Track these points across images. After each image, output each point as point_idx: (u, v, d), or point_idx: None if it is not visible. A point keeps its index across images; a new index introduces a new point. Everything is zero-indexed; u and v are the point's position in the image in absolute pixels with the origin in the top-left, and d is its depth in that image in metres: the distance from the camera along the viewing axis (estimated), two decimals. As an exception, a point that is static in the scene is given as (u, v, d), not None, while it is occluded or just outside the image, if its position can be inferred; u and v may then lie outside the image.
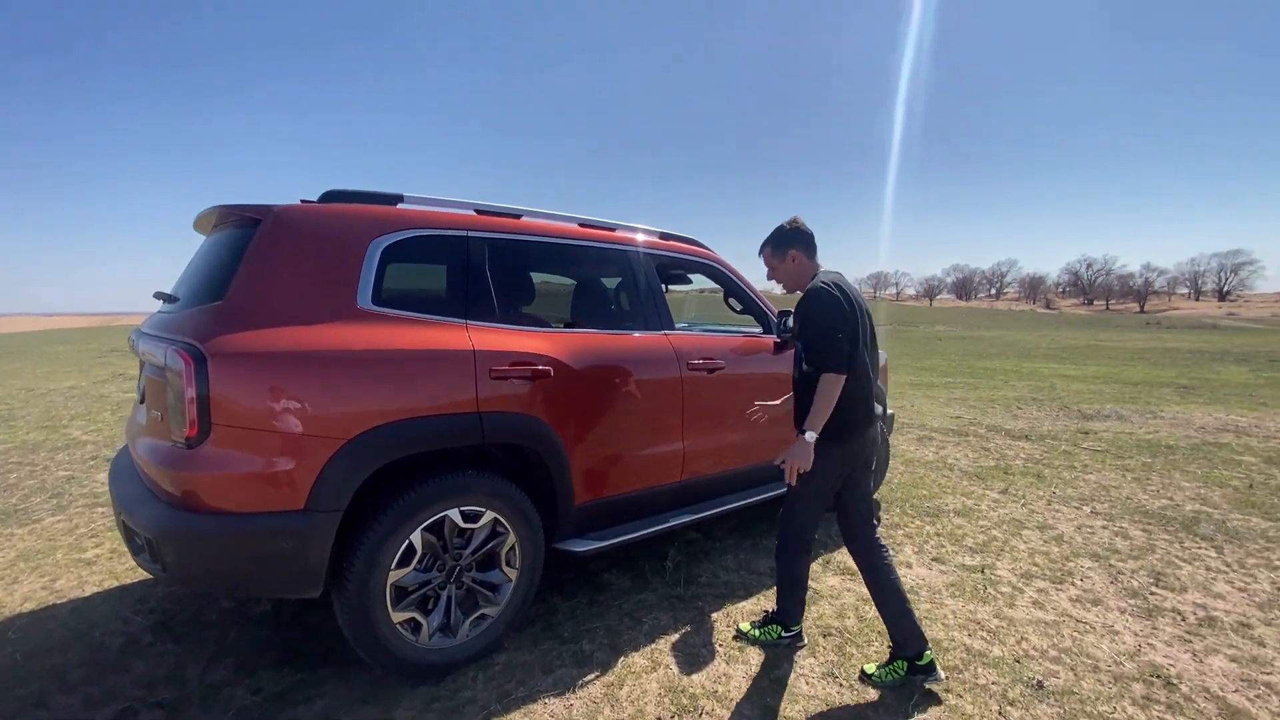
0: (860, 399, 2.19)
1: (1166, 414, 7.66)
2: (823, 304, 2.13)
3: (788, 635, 2.40)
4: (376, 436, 1.92)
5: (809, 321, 2.16)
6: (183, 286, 2.24)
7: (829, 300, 2.13)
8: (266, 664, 2.27)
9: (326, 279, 2.00)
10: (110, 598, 2.77)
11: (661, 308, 2.89)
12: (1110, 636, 2.49)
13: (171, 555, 1.74)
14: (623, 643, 2.40)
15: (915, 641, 2.15)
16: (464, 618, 2.20)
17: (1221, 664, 2.32)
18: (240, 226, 2.11)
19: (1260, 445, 5.85)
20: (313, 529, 1.83)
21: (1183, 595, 2.84)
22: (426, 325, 2.13)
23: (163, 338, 1.91)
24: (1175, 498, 4.26)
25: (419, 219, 2.24)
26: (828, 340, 2.09)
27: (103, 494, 4.15)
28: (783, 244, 2.30)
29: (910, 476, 4.73)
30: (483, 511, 2.18)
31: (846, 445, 2.20)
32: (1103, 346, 21.35)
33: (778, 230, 2.33)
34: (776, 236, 2.32)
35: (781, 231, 2.31)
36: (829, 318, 2.11)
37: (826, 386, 2.08)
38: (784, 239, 2.30)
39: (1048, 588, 2.90)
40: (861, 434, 2.23)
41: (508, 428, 2.21)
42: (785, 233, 2.30)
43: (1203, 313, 64.44)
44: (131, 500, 1.92)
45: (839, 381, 2.08)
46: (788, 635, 2.40)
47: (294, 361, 1.84)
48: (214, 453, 1.76)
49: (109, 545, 3.32)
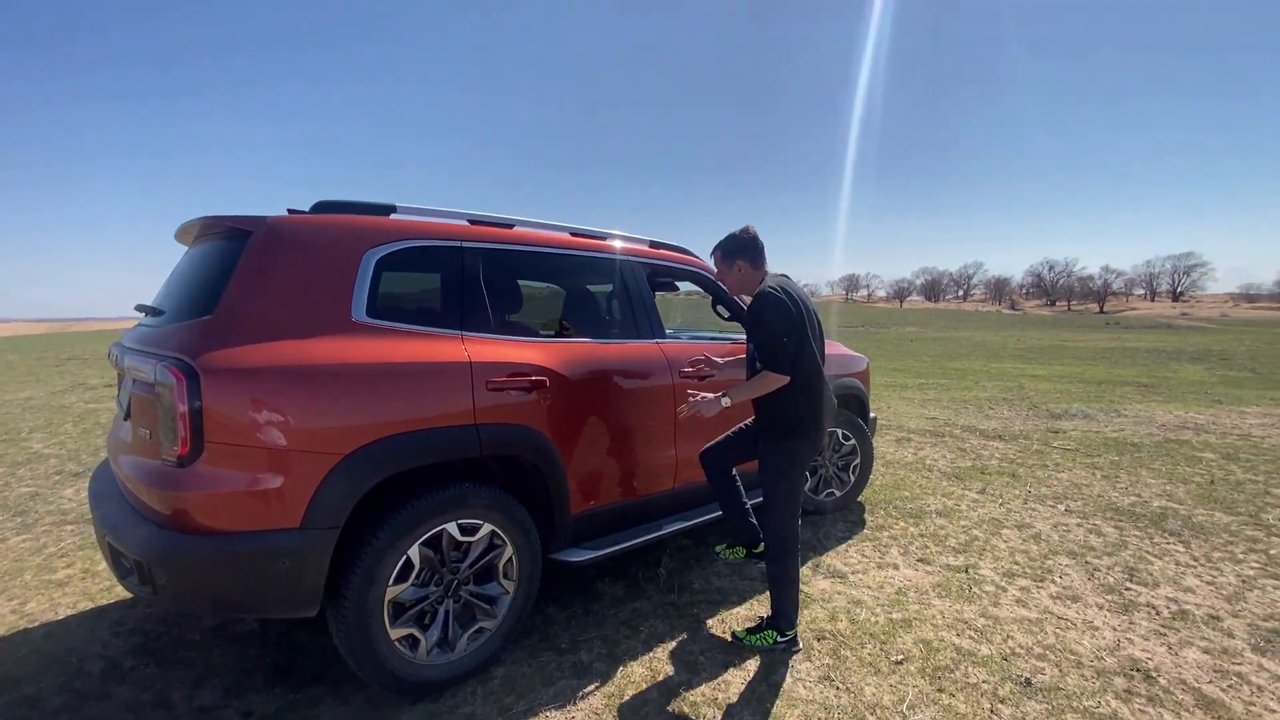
0: (810, 393, 2.37)
1: (1129, 412, 7.95)
2: (770, 309, 2.29)
3: (783, 640, 2.42)
4: (374, 451, 1.89)
5: (760, 325, 2.31)
6: (168, 299, 2.18)
7: (776, 305, 2.30)
8: (256, 685, 2.21)
9: (321, 291, 1.96)
10: (86, 620, 2.68)
11: (652, 316, 2.91)
12: (1091, 632, 2.58)
13: (164, 577, 1.69)
14: (621, 652, 2.41)
15: (753, 537, 2.66)
16: (462, 632, 2.18)
17: (1196, 656, 2.42)
18: (229, 238, 2.06)
19: (1218, 442, 6.10)
20: (310, 546, 1.80)
21: (1156, 590, 2.95)
22: (422, 337, 2.11)
23: (151, 353, 1.85)
24: (1143, 494, 4.42)
25: (413, 229, 2.22)
26: (775, 342, 2.27)
27: (71, 510, 4.00)
28: (730, 253, 2.46)
29: (892, 478, 4.82)
30: (480, 524, 2.16)
31: (804, 441, 2.40)
32: (1066, 346, 22.05)
33: (730, 238, 2.47)
34: (726, 245, 2.47)
35: (732, 240, 2.46)
36: (775, 322, 2.28)
37: (763, 380, 2.30)
38: (731, 249, 2.46)
39: (1029, 586, 2.99)
40: (818, 429, 2.42)
41: (505, 439, 2.20)
42: (734, 242, 2.46)
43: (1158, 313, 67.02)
44: (118, 521, 1.86)
45: (777, 381, 2.28)
46: (783, 640, 2.42)
47: (289, 376, 1.81)
48: (207, 471, 1.72)
49: (81, 565, 3.20)
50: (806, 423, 2.39)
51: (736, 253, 2.45)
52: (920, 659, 2.36)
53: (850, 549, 3.41)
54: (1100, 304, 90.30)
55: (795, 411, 2.36)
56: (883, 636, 2.51)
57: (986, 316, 63.54)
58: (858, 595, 2.87)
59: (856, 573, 3.11)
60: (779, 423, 2.40)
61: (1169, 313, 66.82)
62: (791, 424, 2.37)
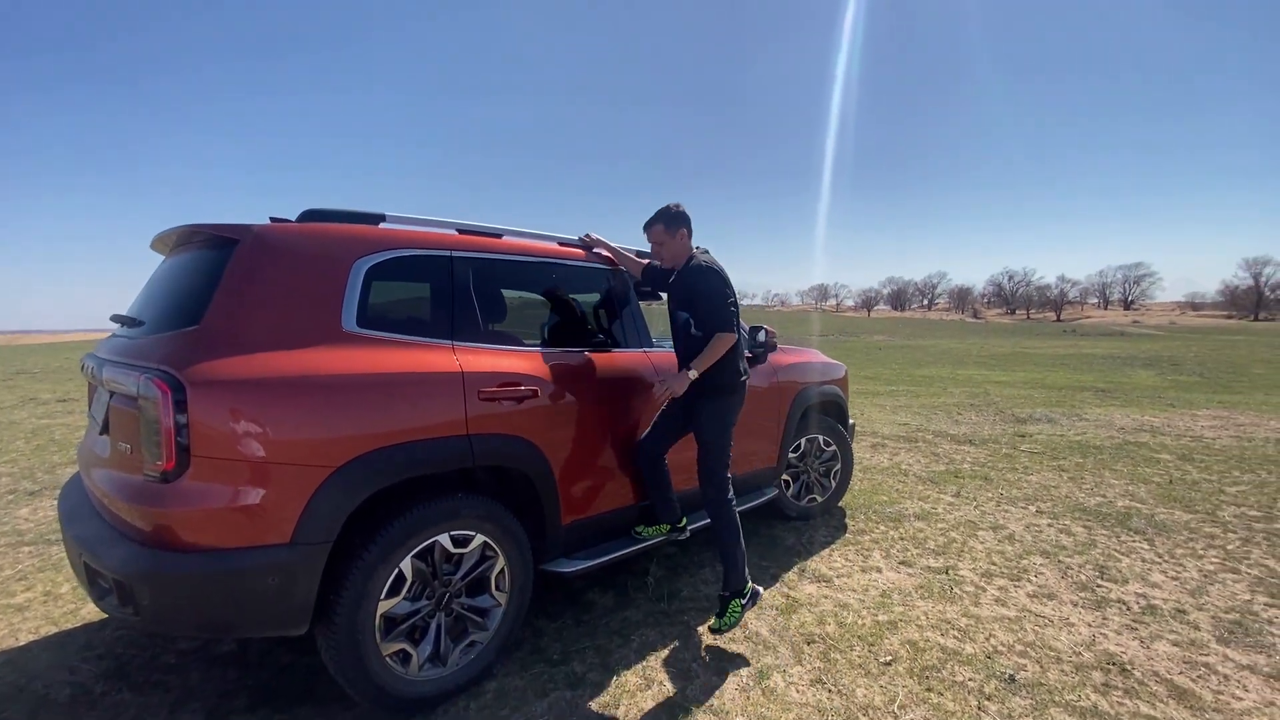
0: (740, 353, 2.66)
1: (1090, 416, 8.26)
2: (717, 278, 2.56)
3: (745, 600, 2.56)
4: (366, 463, 1.86)
5: (705, 293, 2.53)
6: (148, 309, 2.11)
7: (721, 276, 2.58)
8: (238, 708, 2.14)
9: (309, 301, 1.93)
10: (50, 646, 2.55)
11: (640, 325, 2.93)
12: (1068, 628, 2.66)
13: (147, 597, 1.63)
14: (614, 661, 2.40)
15: (676, 517, 2.82)
16: (454, 645, 2.14)
17: (1166, 649, 2.52)
18: (212, 247, 2.01)
19: (1174, 444, 6.38)
20: (301, 562, 1.76)
21: (1125, 586, 3.07)
22: (413, 347, 2.09)
23: (134, 365, 1.79)
24: (1108, 495, 4.59)
25: (402, 239, 2.20)
26: (723, 307, 2.51)
27: (28, 531, 3.81)
28: (675, 223, 2.64)
29: (869, 483, 4.91)
30: (473, 535, 2.14)
31: (740, 396, 2.68)
32: (1027, 353, 22.79)
33: (669, 211, 2.64)
34: (669, 216, 2.64)
35: (672, 212, 2.64)
36: (722, 290, 2.54)
37: (720, 343, 2.49)
38: (676, 219, 2.64)
39: (1007, 585, 3.07)
40: (742, 389, 2.70)
41: (497, 450, 2.19)
42: (676, 214, 2.64)
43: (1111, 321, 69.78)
44: (96, 540, 1.78)
45: (730, 341, 2.51)
46: (745, 600, 2.56)
47: (277, 388, 1.77)
48: (193, 486, 1.66)
49: (41, 588, 3.05)
50: (742, 379, 2.66)
51: (682, 223, 2.65)
52: (908, 659, 2.41)
53: (834, 553, 3.47)
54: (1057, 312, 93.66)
55: (734, 369, 2.61)
56: (870, 638, 2.56)
57: (950, 325, 65.35)
58: (844, 599, 2.91)
59: (841, 576, 3.16)
60: (723, 382, 2.60)
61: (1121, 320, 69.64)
62: (732, 381, 2.62)
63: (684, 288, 2.62)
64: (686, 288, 2.60)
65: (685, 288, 2.61)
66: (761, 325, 3.30)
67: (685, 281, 2.61)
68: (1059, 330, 52.61)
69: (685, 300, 2.62)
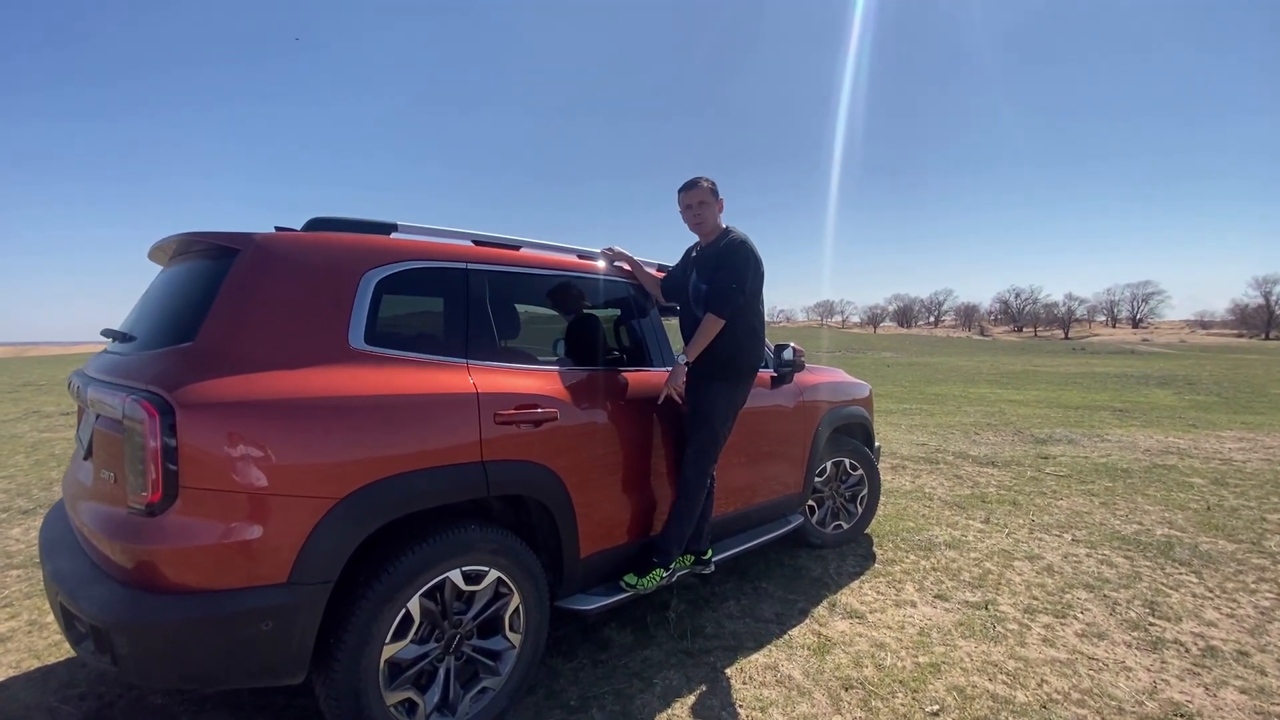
0: (759, 339, 2.58)
1: (1111, 437, 8.03)
2: (749, 256, 2.45)
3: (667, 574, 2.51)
4: (372, 494, 1.70)
5: (726, 268, 2.41)
6: (140, 324, 1.97)
7: (754, 256, 2.48)
8: (229, 758, 1.96)
9: (315, 316, 1.78)
10: (31, 682, 2.37)
11: (663, 342, 2.78)
12: (1125, 674, 2.46)
13: (125, 647, 1.46)
14: (635, 709, 2.20)
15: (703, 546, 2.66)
16: (464, 692, 1.96)
17: (1234, 697, 2.31)
18: (211, 257, 1.87)
19: (1204, 467, 6.15)
20: (298, 604, 1.59)
21: (1180, 625, 2.86)
22: (425, 366, 1.94)
23: (119, 384, 1.64)
24: (1144, 522, 4.38)
25: (415, 250, 2.06)
26: (733, 289, 2.39)
27: (17, 553, 3.65)
28: (718, 191, 2.59)
29: (894, 508, 4.71)
30: (486, 570, 1.97)
31: (745, 386, 2.57)
32: (1038, 371, 22.49)
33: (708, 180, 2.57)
34: (714, 186, 2.57)
35: (712, 181, 2.58)
36: (742, 271, 2.42)
37: (710, 326, 2.39)
38: (715, 188, 2.58)
39: (1052, 623, 2.87)
40: (754, 377, 2.61)
41: (513, 477, 2.02)
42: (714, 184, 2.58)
43: (1120, 339, 69.25)
44: (73, 578, 1.62)
45: (718, 325, 2.40)
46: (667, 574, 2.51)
47: (277, 411, 1.61)
48: (181, 520, 1.50)
49: (26, 617, 2.89)
50: (754, 367, 2.57)
51: (717, 192, 2.58)
52: (956, 709, 2.21)
53: (864, 586, 3.27)
54: (1065, 330, 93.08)
55: (747, 355, 2.51)
56: (913, 684, 2.36)
57: (958, 342, 65.00)
58: (879, 637, 2.71)
59: (875, 612, 2.96)
60: (728, 366, 2.49)
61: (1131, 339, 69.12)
62: (742, 367, 2.52)
63: (714, 259, 2.48)
64: (717, 259, 2.47)
65: (715, 259, 2.48)
66: (789, 343, 3.14)
67: (718, 253, 2.48)
68: (1068, 348, 52.23)
69: (710, 273, 2.49)
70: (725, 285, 2.39)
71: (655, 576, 2.45)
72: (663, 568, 2.47)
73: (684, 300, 2.65)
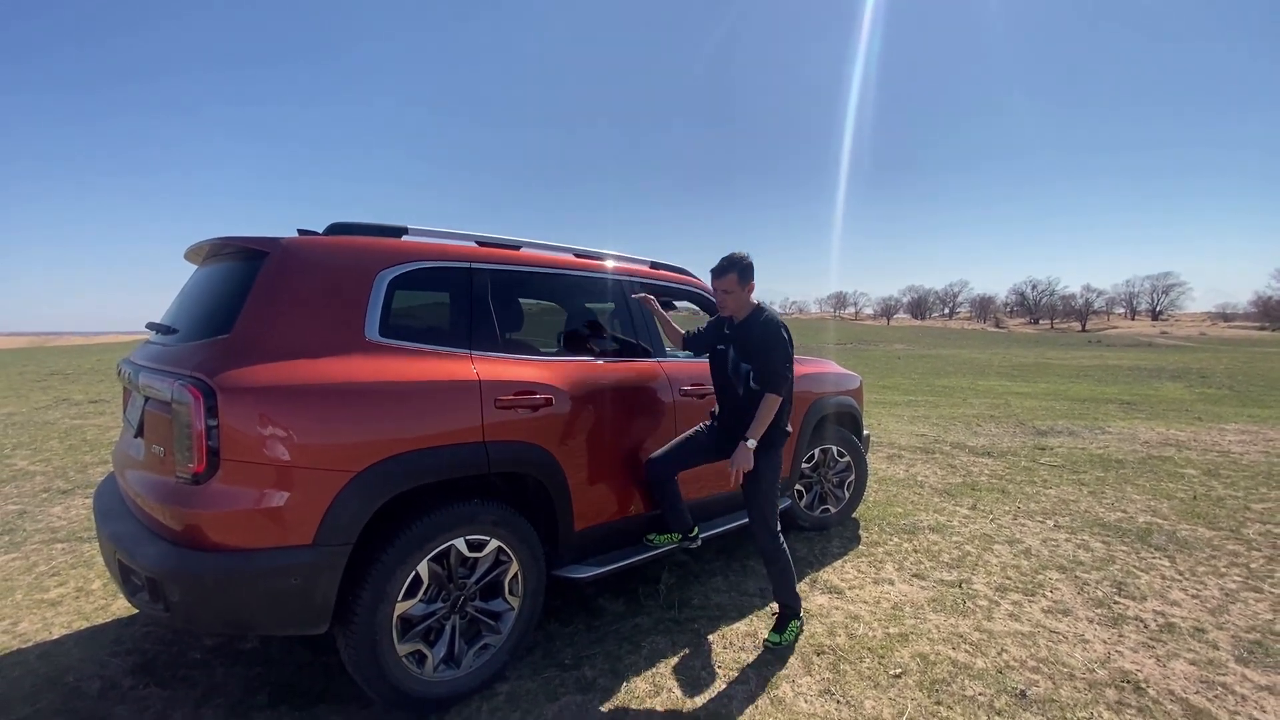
0: (790, 406, 2.69)
1: (1113, 429, 8.10)
2: (784, 336, 2.56)
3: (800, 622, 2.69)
4: (386, 468, 1.92)
5: (772, 349, 2.52)
6: (181, 317, 2.21)
7: (787, 335, 2.58)
8: (260, 704, 2.21)
9: (335, 311, 2.01)
10: (81, 640, 2.65)
11: (654, 335, 2.98)
12: (1082, 645, 2.64)
13: (177, 595, 1.70)
14: (624, 668, 2.43)
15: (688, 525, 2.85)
16: (468, 648, 2.20)
17: (1183, 667, 2.48)
18: (243, 258, 2.10)
19: (1199, 458, 6.25)
20: (322, 563, 1.82)
21: (1143, 604, 3.03)
22: (432, 356, 2.16)
23: (167, 371, 1.88)
24: (1128, 510, 4.52)
25: (424, 251, 2.28)
26: (783, 368, 2.52)
27: (61, 529, 3.96)
28: (747, 275, 2.63)
29: (885, 495, 4.89)
30: (487, 540, 2.19)
31: (782, 446, 2.71)
32: (1050, 364, 22.40)
33: (742, 262, 2.61)
34: (743, 268, 2.61)
35: (745, 264, 2.62)
36: (787, 350, 2.55)
37: (771, 405, 2.50)
38: (748, 271, 2.63)
39: (1021, 600, 3.05)
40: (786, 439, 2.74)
41: (512, 456, 2.24)
42: (748, 266, 2.62)
43: (1139, 331, 68.23)
44: (129, 538, 1.87)
45: (778, 402, 2.52)
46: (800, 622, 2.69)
47: (303, 394, 1.84)
48: (222, 489, 1.74)
49: (74, 584, 3.17)
50: (788, 431, 2.70)
51: (752, 275, 2.64)
52: (918, 672, 2.41)
53: (846, 565, 3.46)
54: (1083, 322, 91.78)
55: (783, 421, 2.64)
56: (881, 651, 2.56)
57: (972, 334, 64.44)
58: (855, 610, 2.91)
59: (853, 588, 3.16)
60: (778, 437, 2.64)
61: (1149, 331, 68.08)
62: (783, 431, 2.66)
63: (752, 339, 2.59)
64: (754, 339, 2.58)
65: (753, 339, 2.59)
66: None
67: (753, 333, 2.59)
68: (1084, 340, 51.59)
69: (749, 351, 2.60)
70: (779, 367, 2.50)
71: (793, 630, 2.63)
72: (796, 618, 2.67)
73: (721, 372, 2.75)
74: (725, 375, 2.71)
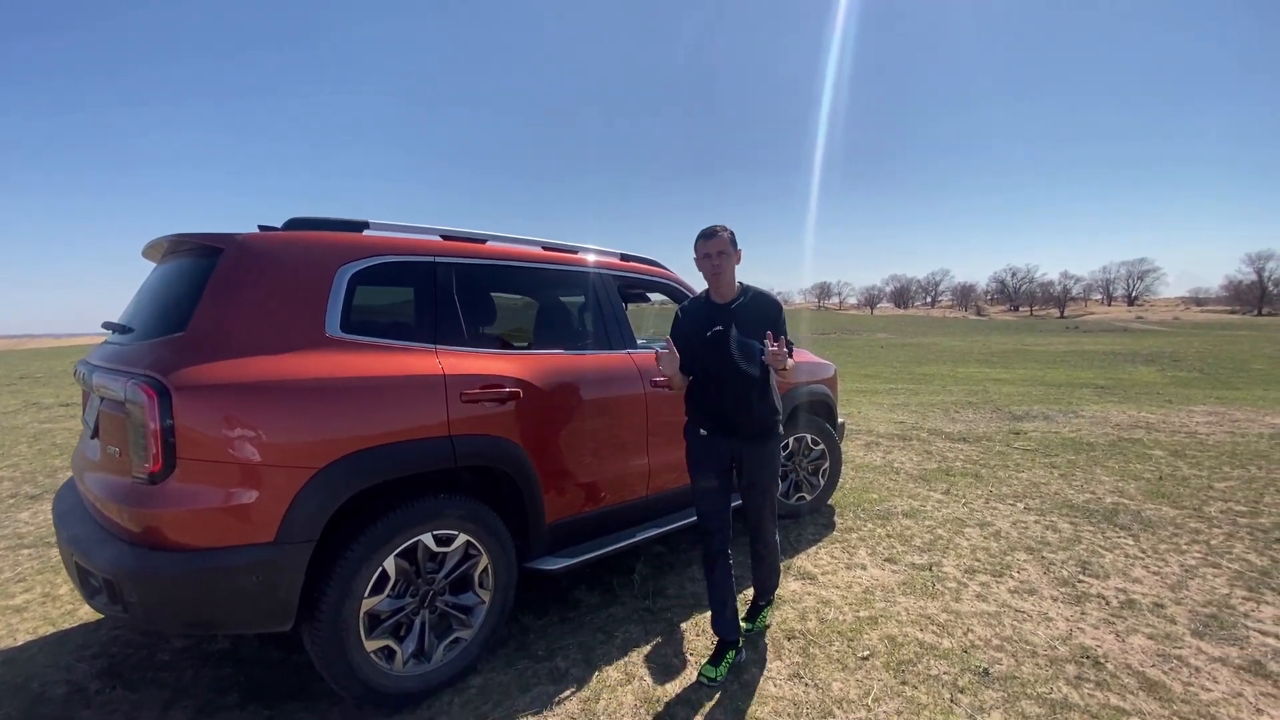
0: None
1: (1087, 413, 8.27)
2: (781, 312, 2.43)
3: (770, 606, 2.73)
4: (348, 464, 1.92)
5: (780, 318, 2.40)
6: (137, 316, 2.17)
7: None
8: (229, 704, 2.20)
9: (294, 307, 1.99)
10: (47, 645, 2.61)
11: (624, 327, 2.98)
12: (1045, 623, 2.70)
13: (135, 595, 1.68)
14: (596, 657, 2.45)
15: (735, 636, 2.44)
16: (438, 642, 2.20)
17: (1141, 642, 2.56)
18: (199, 255, 2.07)
19: (1167, 440, 6.40)
20: (284, 560, 1.81)
21: (1106, 582, 3.10)
22: (396, 351, 2.15)
23: (121, 370, 1.85)
24: (1097, 491, 4.62)
25: (386, 245, 2.26)
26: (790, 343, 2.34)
27: (28, 534, 3.89)
28: (735, 241, 2.46)
29: (860, 481, 4.96)
30: (456, 534, 2.19)
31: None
32: (1029, 351, 22.77)
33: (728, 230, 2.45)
34: (732, 236, 2.46)
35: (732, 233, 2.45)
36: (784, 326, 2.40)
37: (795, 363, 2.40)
38: (734, 239, 2.46)
39: (989, 581, 3.11)
40: None
41: (479, 450, 2.24)
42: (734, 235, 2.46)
43: (1115, 317, 69.48)
44: (86, 540, 1.84)
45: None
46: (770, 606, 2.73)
47: (261, 392, 1.82)
48: (179, 488, 1.72)
49: (40, 590, 3.12)
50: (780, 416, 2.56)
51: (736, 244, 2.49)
52: (885, 654, 2.45)
53: (820, 551, 3.51)
54: (1061, 309, 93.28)
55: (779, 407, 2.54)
56: (850, 634, 2.60)
57: (954, 322, 65.23)
58: (827, 595, 2.96)
59: (826, 573, 3.20)
60: (776, 420, 2.51)
61: (1125, 316, 69.35)
62: (779, 419, 2.54)
63: (757, 311, 2.42)
64: (762, 311, 2.42)
65: (759, 311, 2.42)
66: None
67: (758, 306, 2.44)
68: (1062, 327, 52.49)
69: (758, 325, 2.39)
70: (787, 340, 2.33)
71: (766, 615, 2.69)
72: (768, 605, 2.72)
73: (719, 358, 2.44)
74: (725, 360, 2.43)
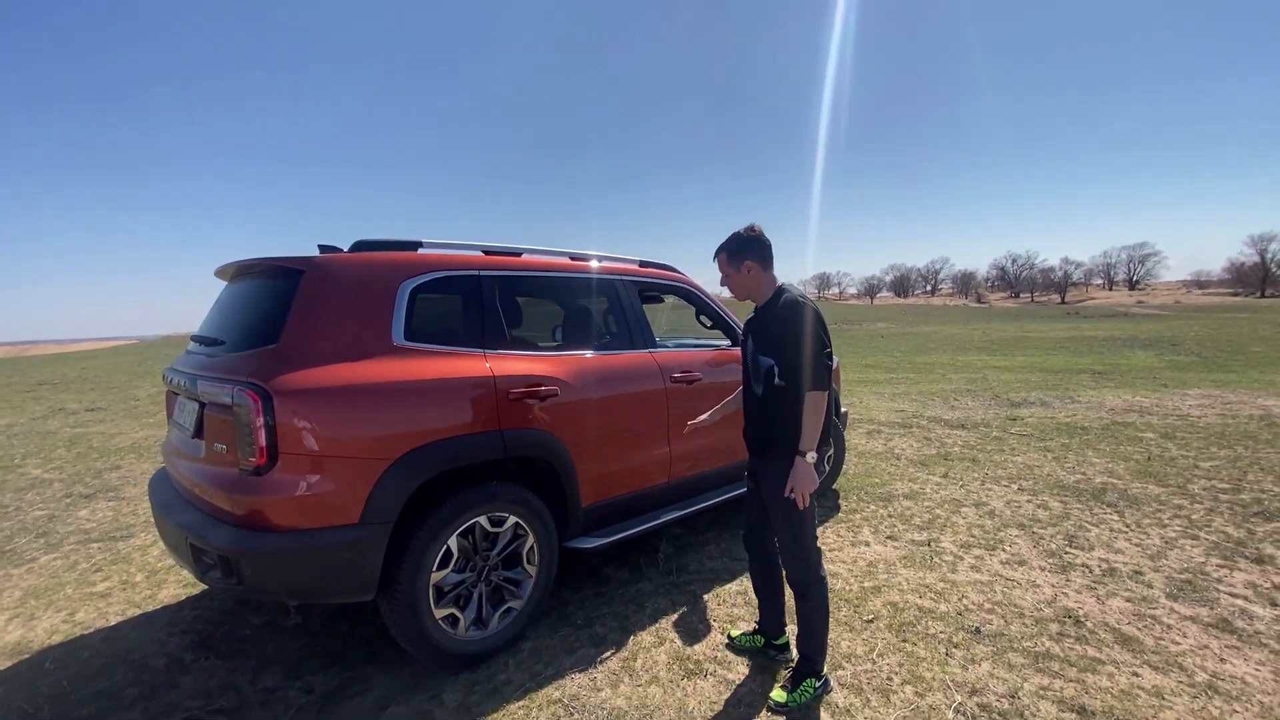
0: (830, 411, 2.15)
1: (1083, 399, 8.53)
2: (810, 319, 2.06)
3: (819, 683, 2.21)
4: (418, 456, 2.21)
5: (795, 338, 2.05)
6: (225, 330, 2.47)
7: (816, 316, 2.07)
8: (313, 668, 2.50)
9: (366, 320, 2.28)
10: (138, 624, 2.92)
11: (645, 328, 3.27)
12: (1033, 589, 2.99)
13: (249, 569, 1.98)
14: (631, 624, 2.75)
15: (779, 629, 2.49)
16: (493, 611, 2.50)
17: (1119, 604, 2.85)
18: (279, 276, 2.36)
19: (1159, 423, 6.67)
20: (368, 539, 2.11)
21: (1091, 553, 3.39)
22: (451, 356, 2.44)
23: (224, 378, 2.14)
24: (1087, 472, 4.91)
25: (438, 262, 2.54)
26: (818, 358, 2.03)
27: (93, 529, 4.19)
28: (738, 253, 2.19)
29: (863, 467, 5.24)
30: (507, 517, 2.49)
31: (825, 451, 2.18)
32: (1029, 337, 22.98)
33: (735, 237, 2.21)
34: (731, 245, 2.21)
35: (739, 240, 2.20)
36: (817, 334, 2.05)
37: (818, 404, 2.02)
38: (737, 249, 2.20)
39: (983, 554, 3.40)
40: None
41: (524, 442, 2.53)
42: (741, 241, 2.19)
43: (1116, 302, 69.54)
44: (200, 524, 2.14)
45: (825, 399, 2.03)
46: (819, 683, 2.21)
47: (345, 394, 2.12)
48: (281, 478, 2.02)
49: (118, 578, 3.43)
50: (827, 438, 2.15)
51: (742, 253, 2.18)
52: (888, 618, 2.75)
53: (827, 531, 3.80)
54: (1062, 295, 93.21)
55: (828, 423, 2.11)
56: (856, 601, 2.90)
57: (954, 310, 65.35)
58: (834, 569, 3.25)
59: (833, 550, 3.50)
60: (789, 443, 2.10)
61: (1126, 301, 69.41)
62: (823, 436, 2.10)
63: (774, 326, 2.13)
64: (778, 325, 2.11)
65: (776, 325, 2.12)
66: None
67: (775, 319, 2.13)
68: (1062, 313, 52.62)
69: (770, 342, 2.15)
70: (812, 354, 2.02)
71: (807, 689, 2.18)
72: (814, 675, 2.22)
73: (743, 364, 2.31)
74: (746, 371, 2.28)
